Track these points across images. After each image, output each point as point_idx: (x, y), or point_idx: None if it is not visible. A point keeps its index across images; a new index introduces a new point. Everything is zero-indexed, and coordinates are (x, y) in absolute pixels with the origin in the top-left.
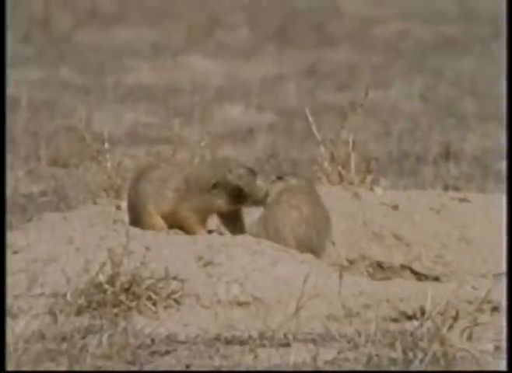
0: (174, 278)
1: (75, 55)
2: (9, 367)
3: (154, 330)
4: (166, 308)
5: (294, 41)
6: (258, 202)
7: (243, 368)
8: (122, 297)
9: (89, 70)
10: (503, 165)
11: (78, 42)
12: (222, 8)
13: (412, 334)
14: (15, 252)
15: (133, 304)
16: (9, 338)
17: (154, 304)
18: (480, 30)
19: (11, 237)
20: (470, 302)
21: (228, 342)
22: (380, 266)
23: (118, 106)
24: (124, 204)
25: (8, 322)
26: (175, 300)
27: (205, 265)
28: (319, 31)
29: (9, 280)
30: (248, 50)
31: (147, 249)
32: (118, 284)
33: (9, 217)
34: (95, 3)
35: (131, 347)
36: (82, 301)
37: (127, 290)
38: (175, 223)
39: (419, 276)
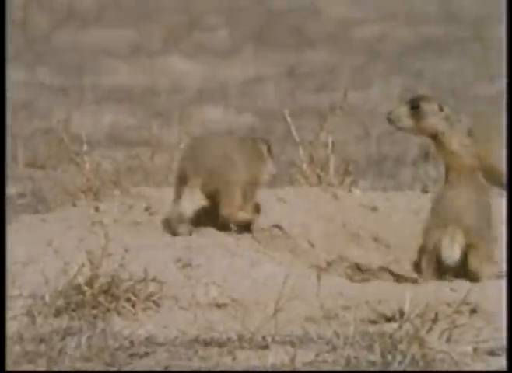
0: (153, 280)
1: (53, 56)
2: None
3: (133, 332)
4: (144, 309)
5: (273, 42)
6: None
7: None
8: (101, 298)
9: (67, 71)
10: None
11: (56, 43)
12: (201, 9)
13: (390, 336)
14: None
15: (112, 305)
16: None
17: (133, 305)
18: (460, 32)
19: None
20: (449, 304)
21: (206, 344)
22: (358, 267)
23: (97, 108)
24: (103, 206)
25: None
26: (154, 302)
27: (184, 267)
28: (298, 32)
29: None
30: (227, 51)
31: (126, 250)
32: (97, 285)
33: None
34: (73, 4)
35: (109, 349)
36: (60, 302)
37: (106, 291)
38: None
39: (397, 278)
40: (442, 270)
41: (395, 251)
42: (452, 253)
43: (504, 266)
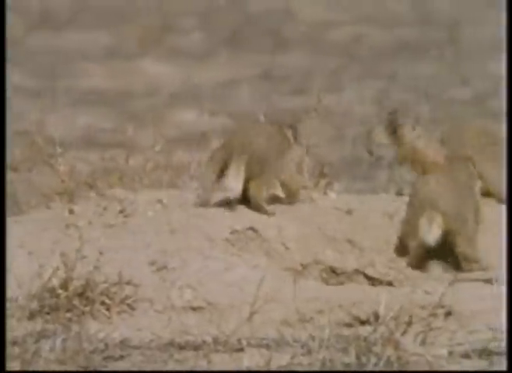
0: (128, 283)
1: (27, 59)
2: None
3: (108, 335)
4: (119, 312)
5: (248, 45)
6: None
7: None
8: (75, 301)
9: (41, 74)
10: None
11: (30, 45)
12: (175, 12)
13: (365, 339)
14: None
15: (86, 308)
16: None
17: (107, 309)
18: (435, 35)
19: None
20: (423, 307)
21: (181, 347)
22: (333, 271)
23: (71, 110)
24: (77, 208)
25: None
26: (129, 305)
27: (159, 270)
28: (273, 35)
29: None
30: (202, 54)
31: (100, 253)
32: (71, 288)
33: None
34: (47, 6)
35: (84, 352)
36: (34, 305)
37: (80, 294)
38: None
39: (372, 281)
40: (427, 255)
41: (370, 254)
42: (431, 232)
43: (493, 273)
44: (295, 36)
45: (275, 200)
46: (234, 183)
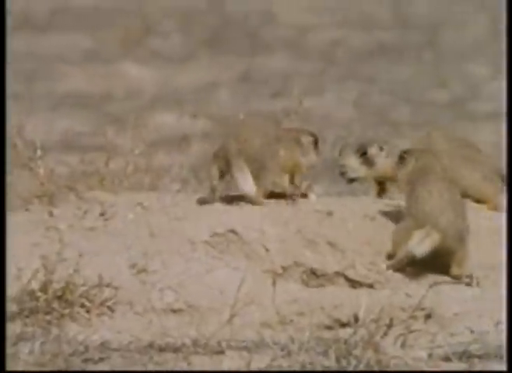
0: (108, 285)
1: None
2: None
3: (87, 337)
4: (99, 315)
5: (228, 48)
6: None
7: None
8: (55, 304)
9: (21, 77)
10: None
11: (10, 49)
12: (155, 15)
13: (345, 342)
14: None
15: (66, 311)
16: None
17: (87, 311)
18: (414, 38)
19: None
20: (403, 310)
21: (161, 349)
22: (314, 273)
23: (51, 113)
24: (57, 211)
25: None
26: (108, 307)
27: (139, 272)
28: (253, 38)
29: None
30: (182, 57)
31: (80, 256)
32: (51, 291)
33: None
34: (27, 10)
35: (63, 355)
36: (14, 308)
37: (60, 297)
38: None
39: (353, 283)
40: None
41: (351, 256)
42: (421, 246)
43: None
44: (275, 39)
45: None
46: (246, 186)
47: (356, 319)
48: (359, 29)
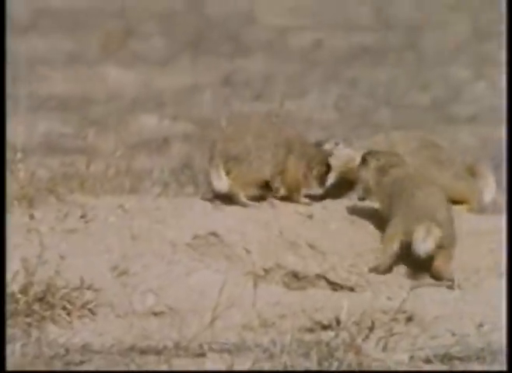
0: (89, 288)
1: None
2: None
3: (68, 340)
4: (80, 317)
5: (209, 50)
6: None
7: None
8: (35, 306)
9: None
10: None
11: None
12: (136, 18)
13: (327, 344)
14: None
15: (47, 313)
16: None
17: (68, 313)
18: (395, 40)
19: None
20: (385, 312)
21: (143, 352)
22: (295, 275)
23: (31, 116)
24: (38, 214)
25: None
26: (90, 310)
27: (120, 275)
28: (234, 40)
29: None
30: (163, 59)
31: (61, 258)
32: (32, 293)
33: None
34: (7, 12)
35: (44, 357)
36: None
37: (40, 299)
38: None
39: (334, 286)
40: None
41: (332, 259)
42: (425, 243)
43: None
44: (256, 42)
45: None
46: (218, 184)
47: (338, 322)
48: (340, 31)
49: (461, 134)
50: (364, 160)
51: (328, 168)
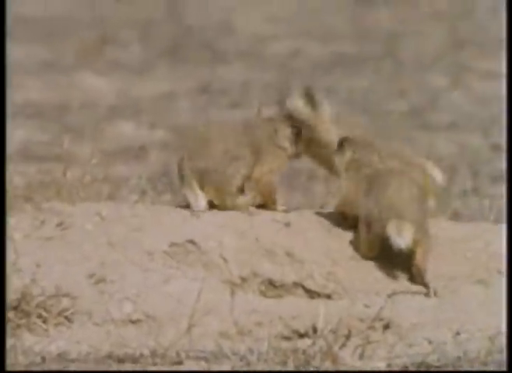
0: (65, 295)
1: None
2: None
3: (44, 348)
4: (56, 325)
5: (187, 58)
6: None
7: None
8: (11, 314)
9: None
10: None
11: None
12: (113, 25)
13: (304, 352)
14: None
15: (22, 321)
16: None
17: (44, 321)
18: (372, 48)
19: None
20: (362, 320)
21: (120, 360)
22: (272, 283)
23: (8, 123)
24: (13, 221)
25: None
26: (66, 317)
27: (97, 282)
28: (212, 48)
29: None
30: (140, 67)
31: (37, 266)
32: (7, 301)
33: None
34: None
35: (20, 366)
36: None
37: (16, 307)
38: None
39: (311, 294)
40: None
41: (309, 266)
42: (402, 237)
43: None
44: (233, 50)
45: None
46: (196, 203)
47: (315, 330)
48: (317, 39)
49: (438, 141)
50: (341, 146)
51: (298, 128)
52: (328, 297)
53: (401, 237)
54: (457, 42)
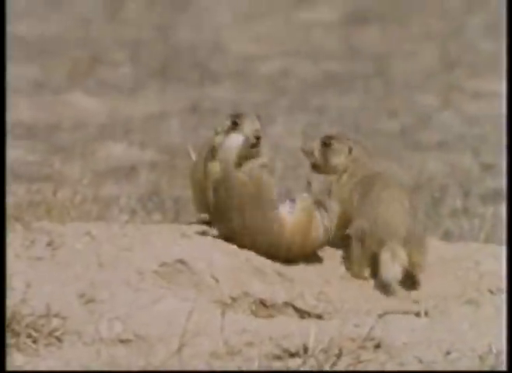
0: (56, 315)
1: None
2: None
3: (34, 368)
4: (47, 345)
5: (177, 78)
6: None
7: None
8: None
9: None
10: None
11: None
12: (103, 45)
13: (295, 372)
14: None
15: (12, 341)
16: None
17: (34, 341)
18: (363, 67)
19: None
20: (353, 340)
21: None
22: (263, 303)
23: None
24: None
25: None
26: (56, 337)
27: (87, 302)
28: (202, 68)
29: None
30: (130, 87)
31: (28, 285)
32: None
33: None
34: None
35: None
36: None
37: (5, 327)
38: None
39: (301, 313)
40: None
41: (299, 286)
42: (393, 270)
43: (422, 305)
44: (223, 69)
45: None
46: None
47: (305, 349)
48: (307, 59)
49: (429, 160)
50: (329, 144)
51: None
52: (319, 316)
53: (392, 271)
54: (447, 62)
